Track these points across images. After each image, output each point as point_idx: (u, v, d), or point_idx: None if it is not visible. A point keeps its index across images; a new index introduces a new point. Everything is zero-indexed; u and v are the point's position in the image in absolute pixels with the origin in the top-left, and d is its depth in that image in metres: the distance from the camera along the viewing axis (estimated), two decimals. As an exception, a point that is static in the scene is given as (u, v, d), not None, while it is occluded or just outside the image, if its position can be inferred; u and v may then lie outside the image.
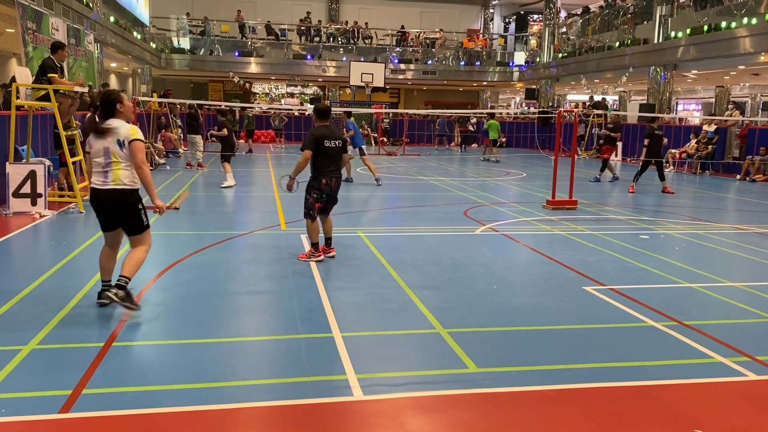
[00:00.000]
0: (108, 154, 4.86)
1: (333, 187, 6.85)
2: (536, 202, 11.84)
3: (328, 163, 6.76)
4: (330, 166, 6.79)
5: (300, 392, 3.72)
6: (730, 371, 4.18)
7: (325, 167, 6.76)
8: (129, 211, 4.99)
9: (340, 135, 6.91)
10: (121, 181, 4.89)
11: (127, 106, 5.07)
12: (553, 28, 31.12)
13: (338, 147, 6.81)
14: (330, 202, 6.97)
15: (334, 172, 6.86)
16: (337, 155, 6.86)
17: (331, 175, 6.82)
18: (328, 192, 6.84)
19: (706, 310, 5.57)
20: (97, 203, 5.00)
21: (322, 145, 6.67)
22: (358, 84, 28.51)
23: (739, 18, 18.85)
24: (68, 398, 3.54)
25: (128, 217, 5.02)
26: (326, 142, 6.68)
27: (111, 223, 5.10)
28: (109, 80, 25.71)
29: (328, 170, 6.79)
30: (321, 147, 6.67)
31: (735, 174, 17.85)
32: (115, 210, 4.99)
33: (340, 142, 6.83)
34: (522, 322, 5.09)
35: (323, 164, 6.74)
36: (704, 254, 7.89)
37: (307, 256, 6.87)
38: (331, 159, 6.78)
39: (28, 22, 12.97)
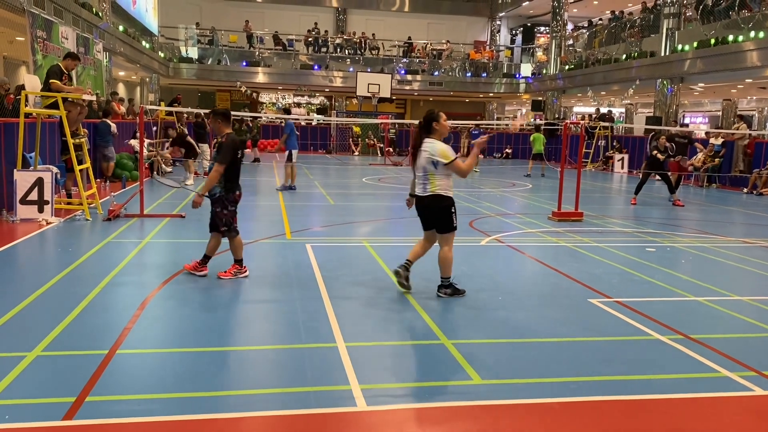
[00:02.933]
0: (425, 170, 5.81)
1: (238, 199, 6.43)
2: (542, 213, 11.82)
3: (238, 174, 6.34)
4: (238, 177, 6.37)
5: (303, 402, 3.71)
6: (736, 386, 4.15)
7: (237, 178, 6.33)
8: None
9: (245, 145, 6.62)
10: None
11: (443, 125, 5.85)
12: (559, 40, 31.19)
13: (241, 158, 6.40)
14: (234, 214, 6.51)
15: (239, 184, 6.44)
16: (241, 166, 6.45)
17: (239, 187, 6.41)
18: (235, 204, 6.40)
19: (712, 324, 5.53)
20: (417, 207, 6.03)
21: (236, 157, 6.25)
22: (365, 94, 28.63)
23: (746, 32, 18.85)
24: (72, 405, 3.54)
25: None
26: (238, 153, 6.28)
27: (427, 223, 6.04)
28: (117, 89, 25.87)
29: (238, 181, 6.36)
30: (236, 157, 6.25)
31: (742, 187, 17.79)
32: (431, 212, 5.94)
33: (242, 153, 6.42)
34: (527, 334, 5.07)
35: (235, 175, 6.30)
36: (710, 268, 7.86)
37: (233, 273, 6.40)
38: (239, 169, 6.37)
39: (38, 30, 13.09)
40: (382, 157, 27.74)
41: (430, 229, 6.06)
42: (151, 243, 8.16)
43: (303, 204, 12.51)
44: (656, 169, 13.99)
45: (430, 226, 6.05)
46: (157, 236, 8.60)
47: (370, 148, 30.58)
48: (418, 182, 5.95)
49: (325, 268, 7.01)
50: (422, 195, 5.91)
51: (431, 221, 5.99)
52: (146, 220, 9.66)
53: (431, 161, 5.76)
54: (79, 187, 9.96)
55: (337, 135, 31.52)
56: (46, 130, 10.93)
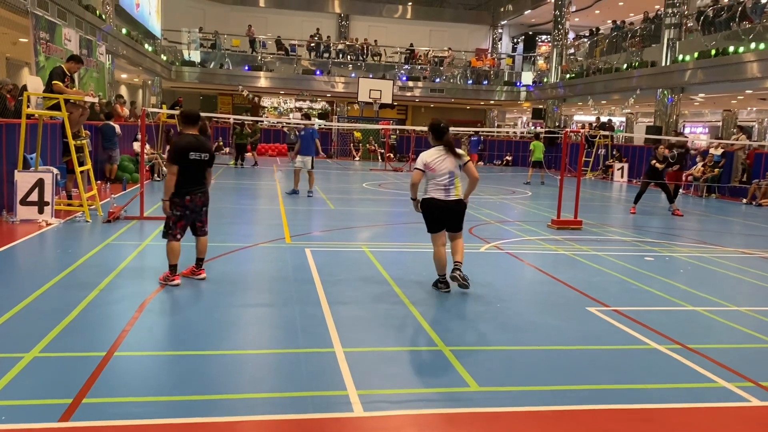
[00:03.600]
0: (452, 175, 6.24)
1: (197, 202, 6.21)
2: (541, 221, 11.83)
3: (193, 177, 6.13)
4: (194, 180, 6.15)
5: (300, 407, 3.71)
6: (733, 396, 4.15)
7: (189, 181, 6.11)
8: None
9: (208, 147, 6.24)
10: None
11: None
12: (561, 48, 31.27)
13: (203, 160, 6.15)
14: (198, 219, 6.33)
15: (198, 186, 6.19)
16: (202, 168, 6.20)
17: (195, 190, 6.17)
18: (192, 208, 6.19)
19: (709, 334, 5.54)
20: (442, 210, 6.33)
21: (187, 158, 6.04)
22: (367, 100, 28.68)
23: (746, 43, 18.91)
24: (68, 407, 3.54)
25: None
26: (192, 154, 6.04)
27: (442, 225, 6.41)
28: (119, 91, 25.93)
29: (192, 185, 6.13)
30: (186, 159, 6.05)
31: (741, 198, 17.81)
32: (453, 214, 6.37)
33: (207, 155, 6.18)
34: (524, 342, 5.07)
35: (187, 178, 6.09)
36: (709, 278, 7.86)
37: (163, 279, 6.23)
38: (194, 172, 6.14)
39: (41, 32, 13.14)
40: (382, 163, 27.77)
41: (443, 230, 6.43)
42: (150, 245, 8.17)
43: (303, 208, 12.52)
44: (655, 179, 14.02)
45: (444, 228, 6.42)
46: (156, 239, 8.60)
47: (371, 153, 30.63)
48: (439, 187, 6.25)
49: (324, 272, 7.01)
50: (447, 199, 6.26)
51: (452, 223, 6.40)
52: (146, 223, 9.67)
53: (458, 164, 6.24)
54: (80, 188, 9.98)
55: (339, 140, 31.56)
56: (47, 132, 10.95)
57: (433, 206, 6.31)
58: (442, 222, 6.38)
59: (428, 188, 6.36)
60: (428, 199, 6.32)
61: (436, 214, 6.34)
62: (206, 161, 6.22)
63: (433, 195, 6.29)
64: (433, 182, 6.30)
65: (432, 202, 6.30)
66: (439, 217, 6.35)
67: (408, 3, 38.05)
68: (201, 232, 6.42)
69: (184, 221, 6.21)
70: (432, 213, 6.35)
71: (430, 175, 6.28)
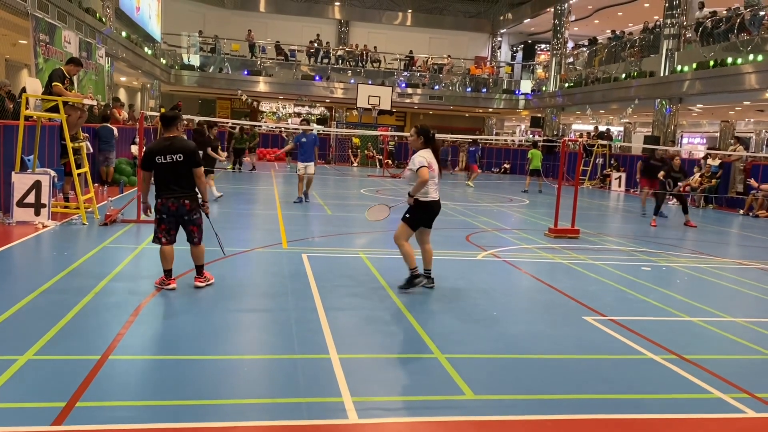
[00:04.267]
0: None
1: (171, 207, 6.00)
2: (538, 229, 11.84)
3: (164, 182, 6.00)
4: (165, 185, 6.00)
5: (294, 413, 3.69)
6: (729, 407, 4.14)
7: (161, 186, 6.01)
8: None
9: (181, 149, 5.96)
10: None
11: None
12: (560, 57, 31.38)
13: (176, 162, 5.93)
14: (182, 226, 6.17)
15: (173, 192, 6.00)
16: (177, 171, 5.98)
17: (167, 196, 5.99)
18: (166, 212, 6.02)
19: (706, 345, 5.54)
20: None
21: (154, 162, 5.93)
22: (365, 106, 28.71)
23: (745, 54, 18.99)
24: (62, 410, 3.52)
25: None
26: (158, 158, 5.91)
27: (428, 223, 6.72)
28: (118, 94, 25.92)
29: (164, 189, 6.01)
30: (153, 163, 5.94)
31: (738, 209, 17.84)
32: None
33: (179, 157, 5.94)
34: (521, 350, 5.06)
35: (159, 183, 6.02)
36: (705, 288, 7.87)
37: (158, 283, 6.22)
38: (166, 176, 5.98)
39: (41, 34, 13.14)
40: (380, 169, 27.78)
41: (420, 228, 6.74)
42: (146, 249, 8.15)
43: (300, 214, 12.51)
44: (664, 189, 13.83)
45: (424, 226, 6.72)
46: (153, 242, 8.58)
47: (369, 159, 30.65)
48: (433, 188, 6.56)
49: (321, 278, 7.00)
50: (437, 199, 6.63)
51: (432, 221, 6.73)
52: (143, 226, 9.64)
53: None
54: (77, 191, 9.95)
55: (337, 146, 31.59)
56: (45, 134, 10.94)
57: (433, 207, 6.61)
58: (430, 221, 6.70)
59: (428, 190, 6.50)
60: (433, 202, 6.61)
61: (431, 214, 6.64)
62: (181, 162, 5.96)
63: (434, 196, 6.59)
64: (430, 182, 6.49)
65: (434, 204, 6.62)
66: (431, 217, 6.66)
67: (408, 10, 38.17)
68: (191, 241, 6.24)
69: (164, 225, 6.08)
70: (430, 213, 6.62)
71: (432, 175, 6.48)
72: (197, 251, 6.27)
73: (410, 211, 6.61)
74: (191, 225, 6.17)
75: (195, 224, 6.20)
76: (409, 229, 6.61)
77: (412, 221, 6.60)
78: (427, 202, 6.55)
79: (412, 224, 6.61)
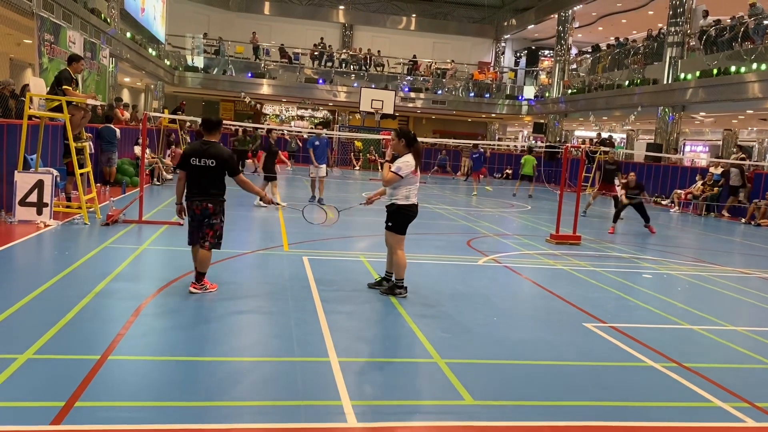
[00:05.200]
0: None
1: (195, 210, 6.12)
2: (540, 235, 11.83)
3: (193, 184, 6.13)
4: (194, 188, 6.13)
5: (293, 416, 3.69)
6: (729, 416, 4.13)
7: (191, 188, 6.15)
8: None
9: (215, 155, 6.07)
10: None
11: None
12: (563, 64, 31.40)
13: (208, 167, 6.06)
14: (198, 227, 6.20)
15: (199, 195, 6.11)
16: (207, 176, 6.10)
17: (193, 199, 6.11)
18: (192, 215, 6.17)
19: (706, 353, 5.52)
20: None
21: (188, 163, 6.11)
22: (368, 110, 28.73)
23: (748, 63, 19.00)
24: (61, 410, 3.52)
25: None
26: (192, 160, 6.07)
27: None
28: (122, 95, 25.97)
29: (191, 192, 6.15)
30: (188, 164, 6.11)
31: (740, 217, 17.82)
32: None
33: (212, 162, 6.06)
34: (521, 356, 5.06)
35: (189, 183, 6.15)
36: (706, 296, 7.85)
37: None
38: (196, 179, 6.11)
39: (46, 34, 13.18)
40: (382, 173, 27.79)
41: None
42: (148, 249, 8.16)
43: (301, 216, 12.48)
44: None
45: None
46: (154, 243, 8.59)
47: (371, 163, 30.65)
48: (415, 192, 6.63)
49: (321, 281, 7.00)
50: (416, 203, 6.67)
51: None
52: (144, 227, 9.66)
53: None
54: (79, 190, 9.97)
55: (339, 149, 31.60)
56: (48, 133, 10.96)
57: (413, 212, 6.65)
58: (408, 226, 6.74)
59: (409, 194, 6.56)
60: (411, 205, 6.59)
61: (412, 218, 6.67)
62: (213, 168, 6.07)
63: (413, 201, 6.61)
64: (412, 187, 6.57)
65: (412, 209, 6.62)
66: (411, 222, 6.72)
67: (412, 15, 38.22)
68: (200, 243, 6.19)
69: (190, 227, 6.26)
70: (411, 218, 6.66)
71: (411, 180, 6.51)
72: (203, 255, 6.16)
73: (392, 218, 6.60)
74: (207, 228, 6.16)
75: (211, 228, 6.17)
76: (398, 235, 6.67)
77: (399, 226, 6.61)
78: (407, 205, 6.55)
79: (400, 229, 6.63)
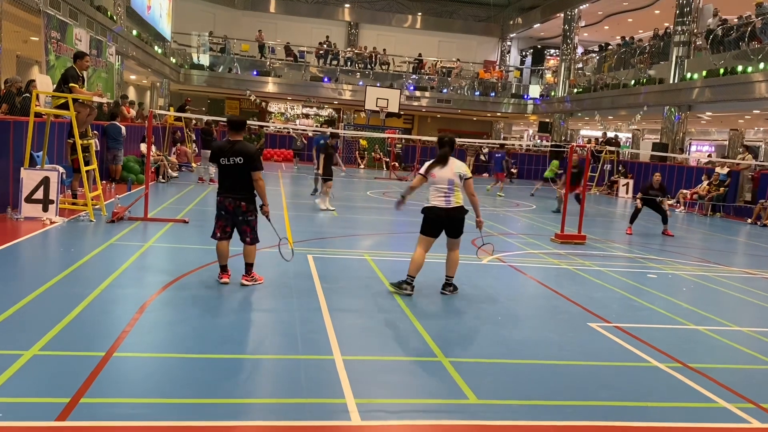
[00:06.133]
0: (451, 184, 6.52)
1: (228, 206, 6.36)
2: (545, 235, 11.81)
3: (224, 182, 6.38)
4: (226, 185, 6.37)
5: (297, 413, 3.70)
6: (733, 417, 4.12)
7: (222, 185, 6.40)
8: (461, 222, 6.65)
9: (242, 152, 6.26)
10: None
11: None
12: (569, 63, 31.32)
13: (237, 165, 6.25)
14: (235, 224, 6.45)
15: (231, 192, 6.34)
16: (237, 173, 6.30)
17: (225, 195, 6.36)
18: (224, 210, 6.39)
19: (711, 354, 5.51)
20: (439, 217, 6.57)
21: (218, 162, 6.35)
22: (373, 108, 28.73)
23: (755, 63, 18.91)
24: (66, 406, 3.54)
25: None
26: (222, 160, 6.29)
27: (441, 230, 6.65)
28: (127, 92, 26.02)
29: (223, 189, 6.38)
30: (218, 163, 6.37)
31: (746, 218, 17.76)
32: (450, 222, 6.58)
33: (240, 160, 6.24)
34: (525, 355, 5.05)
35: (220, 181, 6.42)
36: (712, 297, 7.83)
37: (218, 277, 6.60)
38: (227, 177, 6.35)
39: (53, 31, 13.21)
40: (387, 172, 27.79)
41: (437, 236, 6.68)
42: (153, 247, 8.18)
43: (306, 215, 12.53)
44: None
45: (440, 233, 6.66)
46: (159, 240, 8.62)
47: (376, 162, 30.66)
48: (440, 194, 6.55)
49: (326, 279, 7.01)
50: (446, 207, 6.54)
51: (450, 229, 6.64)
52: (149, 224, 9.68)
53: (459, 175, 6.52)
54: (85, 188, 10.00)
55: (344, 147, 31.61)
56: (54, 130, 10.99)
57: (434, 214, 6.60)
58: (440, 229, 6.64)
59: (430, 196, 6.63)
60: (430, 207, 6.63)
61: (436, 220, 6.62)
62: (241, 165, 6.25)
63: (434, 203, 6.58)
64: (435, 189, 6.60)
65: (433, 210, 6.60)
66: (439, 224, 6.62)
67: (418, 13, 38.18)
68: (242, 240, 6.50)
69: (221, 222, 6.43)
70: (432, 219, 6.63)
71: (432, 181, 6.58)
72: (248, 250, 6.51)
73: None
74: (244, 225, 6.42)
75: (249, 225, 6.43)
76: (420, 234, 6.71)
77: (421, 226, 6.70)
78: (427, 207, 6.65)
79: (421, 229, 6.69)
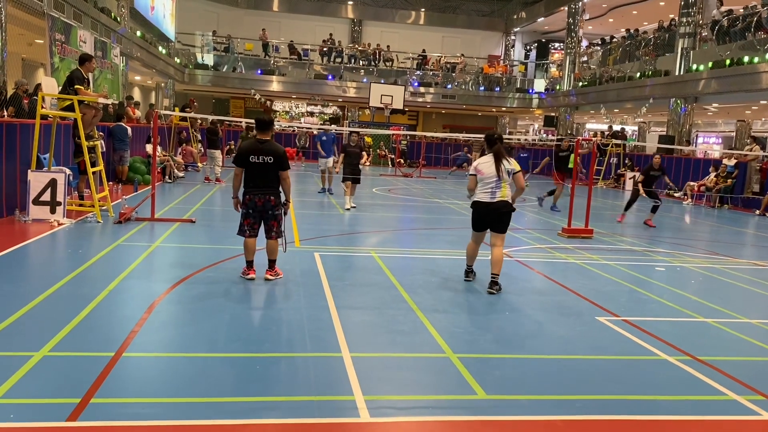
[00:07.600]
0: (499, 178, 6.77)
1: (257, 202, 6.54)
2: (552, 229, 11.78)
3: (253, 179, 6.52)
4: (254, 182, 6.53)
5: (307, 411, 3.71)
6: (743, 409, 4.11)
7: (250, 183, 6.54)
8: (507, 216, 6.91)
9: (272, 152, 6.49)
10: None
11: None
12: (574, 56, 31.19)
13: (267, 163, 6.47)
14: (264, 220, 6.66)
15: (261, 189, 6.53)
16: (266, 172, 6.50)
17: (255, 192, 6.53)
18: (253, 208, 6.57)
19: (720, 346, 5.49)
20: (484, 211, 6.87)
21: (247, 160, 6.48)
22: (378, 105, 28.71)
23: (761, 53, 18.79)
24: (77, 406, 3.56)
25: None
26: (252, 158, 6.45)
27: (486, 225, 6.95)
28: (132, 93, 26.11)
29: (252, 186, 6.54)
30: (246, 162, 6.49)
31: (754, 209, 17.66)
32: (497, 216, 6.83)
33: (270, 159, 6.46)
34: (533, 350, 5.05)
35: (248, 180, 6.55)
36: (720, 289, 7.80)
37: (242, 273, 6.76)
38: (256, 174, 6.51)
39: (57, 33, 13.27)
40: (392, 168, 27.78)
41: (485, 230, 7.03)
42: (160, 247, 8.21)
43: (313, 212, 12.55)
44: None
45: (488, 228, 6.98)
46: (166, 240, 8.65)
47: (381, 158, 30.67)
48: (486, 190, 6.81)
49: (333, 277, 7.01)
50: (492, 201, 6.80)
51: (495, 223, 6.90)
52: (157, 224, 9.71)
53: (507, 171, 6.76)
54: (92, 189, 10.04)
55: (349, 145, 31.60)
56: (61, 132, 11.03)
57: (480, 208, 6.91)
58: (487, 223, 6.95)
59: (477, 191, 6.89)
60: (476, 202, 6.95)
61: (481, 214, 6.93)
62: (271, 164, 6.48)
63: (480, 198, 6.88)
64: (482, 184, 6.86)
65: (479, 205, 6.90)
66: (484, 218, 6.93)
67: (421, 9, 38.10)
68: (267, 235, 6.72)
69: (250, 219, 6.61)
70: (478, 213, 6.96)
71: (479, 178, 6.87)
72: (272, 246, 6.72)
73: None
74: (272, 219, 6.67)
75: (276, 219, 6.69)
76: (472, 230, 7.08)
77: (472, 220, 7.04)
78: (473, 202, 6.99)
79: (472, 223, 7.06)
